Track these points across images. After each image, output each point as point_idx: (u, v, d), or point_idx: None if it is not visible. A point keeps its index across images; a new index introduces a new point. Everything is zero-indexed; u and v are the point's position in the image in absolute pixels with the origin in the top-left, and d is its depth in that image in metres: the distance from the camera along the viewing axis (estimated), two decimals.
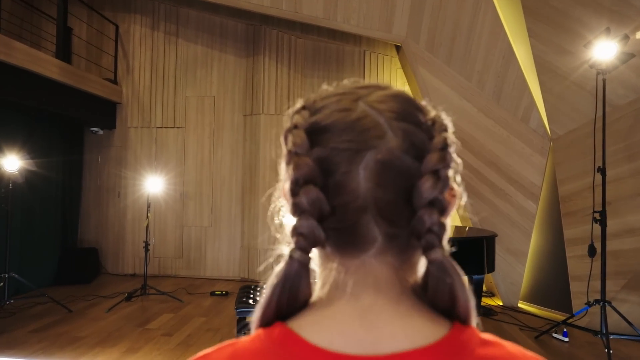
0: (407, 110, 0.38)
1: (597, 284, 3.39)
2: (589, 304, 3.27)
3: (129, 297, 4.59)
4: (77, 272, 5.31)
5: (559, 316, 4.09)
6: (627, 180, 3.47)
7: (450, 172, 0.37)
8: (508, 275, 4.62)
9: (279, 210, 0.43)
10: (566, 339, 3.61)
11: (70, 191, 5.71)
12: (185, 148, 5.81)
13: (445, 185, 0.36)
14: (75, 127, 5.79)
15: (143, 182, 5.54)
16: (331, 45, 5.61)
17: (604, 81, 3.11)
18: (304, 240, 0.35)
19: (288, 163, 0.37)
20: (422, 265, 0.38)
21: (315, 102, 0.40)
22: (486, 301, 4.82)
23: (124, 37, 5.96)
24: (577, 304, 3.82)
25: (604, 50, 3.02)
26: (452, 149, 0.38)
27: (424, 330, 0.35)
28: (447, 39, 4.49)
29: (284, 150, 0.38)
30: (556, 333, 3.70)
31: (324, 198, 0.35)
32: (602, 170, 3.10)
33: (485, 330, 0.34)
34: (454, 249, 0.44)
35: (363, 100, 0.38)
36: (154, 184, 4.85)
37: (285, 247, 0.37)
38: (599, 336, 3.04)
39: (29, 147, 4.51)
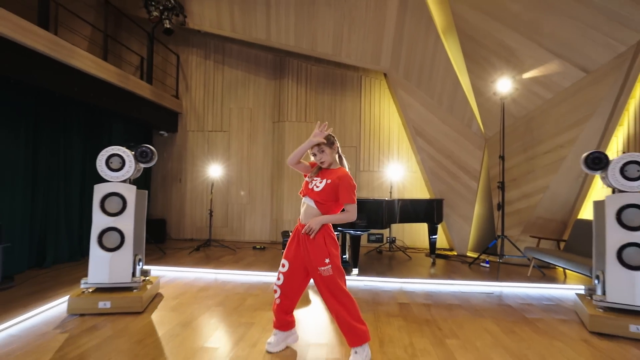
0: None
1: (510, 231, 5.47)
2: (495, 239, 5.35)
3: (198, 248, 6.69)
4: (154, 235, 7.38)
5: (490, 257, 6.15)
6: (523, 164, 5.55)
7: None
8: (459, 233, 6.68)
9: None
10: (487, 266, 5.68)
11: (144, 177, 7.78)
12: (229, 146, 7.91)
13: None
14: (147, 130, 7.88)
15: (200, 171, 7.65)
16: (336, 71, 7.71)
17: (503, 103, 5.19)
18: None
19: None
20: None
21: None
22: (446, 253, 6.88)
23: (184, 64, 8.07)
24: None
25: (501, 85, 5.11)
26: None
27: None
28: (417, 71, 6.58)
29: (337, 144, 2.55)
30: (483, 263, 5.78)
31: None
32: (502, 158, 5.18)
33: (440, 265, 2.37)
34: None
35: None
36: (214, 171, 6.94)
37: None
38: (498, 257, 5.12)
39: (125, 143, 6.59)
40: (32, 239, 4.93)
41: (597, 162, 3.27)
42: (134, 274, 3.52)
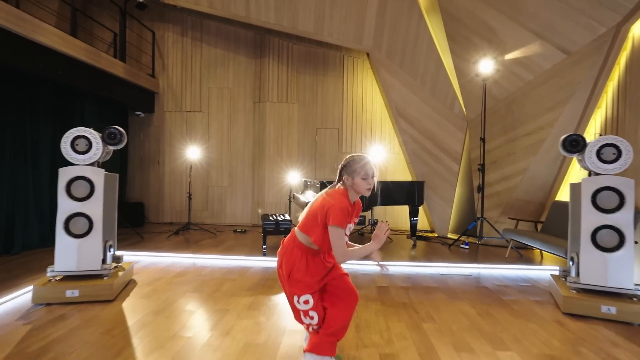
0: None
1: (489, 213, 5.49)
2: (475, 221, 5.38)
3: (177, 232, 6.56)
4: (131, 219, 7.21)
5: (469, 238, 6.20)
6: (504, 146, 5.55)
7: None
8: (440, 215, 6.71)
9: None
10: (467, 247, 5.73)
11: (120, 159, 7.53)
12: (209, 128, 7.71)
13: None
14: (123, 110, 7.59)
15: (178, 153, 7.45)
16: (318, 50, 7.51)
17: (485, 85, 5.13)
18: None
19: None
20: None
21: None
22: (427, 235, 6.92)
23: (160, 42, 7.74)
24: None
25: (483, 65, 5.03)
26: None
27: None
28: (400, 51, 6.45)
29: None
30: (462, 245, 5.82)
31: None
32: (483, 140, 5.15)
33: (420, 247, 2.20)
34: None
35: None
36: (193, 153, 6.75)
37: None
38: (477, 238, 5.15)
39: (98, 124, 6.32)
40: None
41: (575, 144, 3.25)
42: (104, 261, 3.41)
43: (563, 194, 5.40)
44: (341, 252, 1.91)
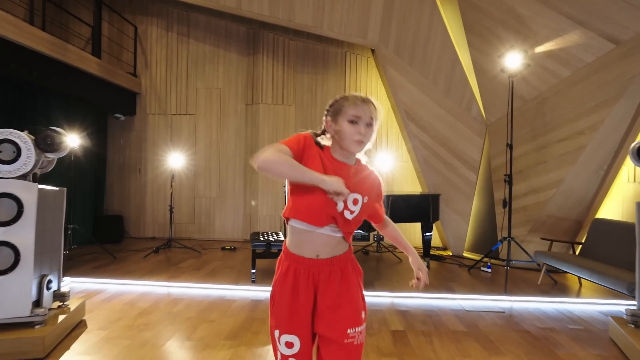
0: None
1: (515, 231, 4.72)
2: (500, 241, 4.61)
3: (157, 250, 5.77)
4: (108, 234, 6.42)
5: (491, 260, 5.41)
6: (532, 153, 4.79)
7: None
8: (455, 231, 5.94)
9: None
10: (489, 270, 4.95)
11: (97, 167, 6.76)
12: (196, 132, 6.94)
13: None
14: (101, 113, 6.83)
15: (162, 160, 6.68)
16: (318, 46, 6.78)
17: (512, 82, 4.38)
18: None
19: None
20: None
21: None
22: (440, 253, 6.14)
23: (142, 37, 7.00)
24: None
25: (510, 60, 4.29)
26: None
27: None
28: (410, 46, 5.72)
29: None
30: (484, 267, 5.04)
31: None
32: (510, 146, 4.39)
33: (434, 268, 1.38)
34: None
35: None
36: (176, 160, 5.99)
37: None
38: (505, 262, 4.37)
39: (70, 128, 5.55)
40: None
41: None
42: (38, 303, 2.62)
43: (604, 210, 4.64)
44: (270, 153, 1.16)
